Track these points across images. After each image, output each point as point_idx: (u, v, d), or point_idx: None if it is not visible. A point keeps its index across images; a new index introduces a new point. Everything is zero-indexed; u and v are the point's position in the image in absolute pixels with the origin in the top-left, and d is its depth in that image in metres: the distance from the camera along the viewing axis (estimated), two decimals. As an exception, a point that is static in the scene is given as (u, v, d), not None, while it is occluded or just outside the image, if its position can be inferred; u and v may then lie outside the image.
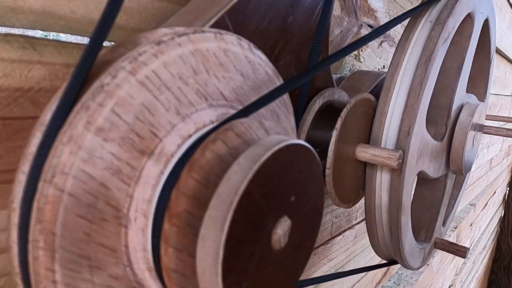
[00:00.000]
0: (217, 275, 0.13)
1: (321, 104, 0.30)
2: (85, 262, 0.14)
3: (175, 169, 0.15)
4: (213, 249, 0.13)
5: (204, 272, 0.14)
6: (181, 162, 0.15)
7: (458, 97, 0.37)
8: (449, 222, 0.45)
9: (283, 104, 0.21)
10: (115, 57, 0.14)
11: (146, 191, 0.15)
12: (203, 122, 0.17)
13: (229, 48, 0.17)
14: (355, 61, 0.44)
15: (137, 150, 0.14)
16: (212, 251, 0.13)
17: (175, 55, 0.15)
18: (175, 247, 0.14)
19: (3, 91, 0.17)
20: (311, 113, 0.29)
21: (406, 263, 0.35)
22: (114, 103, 0.13)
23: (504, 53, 1.16)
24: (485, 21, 0.38)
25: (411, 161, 0.30)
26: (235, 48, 0.18)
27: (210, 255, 0.13)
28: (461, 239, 1.21)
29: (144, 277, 0.16)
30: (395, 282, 0.75)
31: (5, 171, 0.18)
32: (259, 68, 0.19)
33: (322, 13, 0.27)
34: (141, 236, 0.15)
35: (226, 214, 0.13)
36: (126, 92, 0.13)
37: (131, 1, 0.21)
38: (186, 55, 0.15)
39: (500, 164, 1.69)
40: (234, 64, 0.18)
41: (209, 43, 0.16)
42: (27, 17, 0.18)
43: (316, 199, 0.18)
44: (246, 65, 0.18)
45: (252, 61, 0.19)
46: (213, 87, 0.17)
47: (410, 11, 0.29)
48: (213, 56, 0.17)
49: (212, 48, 0.16)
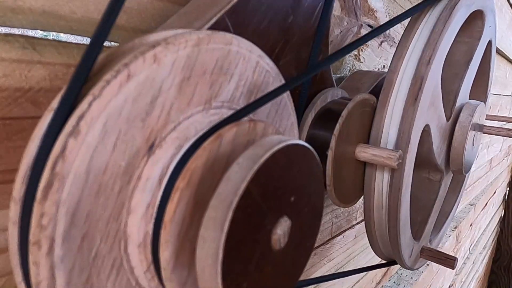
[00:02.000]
0: (217, 275, 0.13)
1: (321, 105, 0.30)
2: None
3: (175, 171, 0.15)
4: (212, 249, 0.13)
5: (203, 272, 0.14)
6: (180, 164, 0.15)
7: (465, 85, 0.37)
8: (445, 229, 0.45)
9: (284, 103, 0.21)
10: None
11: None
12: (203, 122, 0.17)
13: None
14: (355, 61, 0.44)
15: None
16: (212, 252, 0.13)
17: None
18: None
19: (3, 91, 0.17)
20: (311, 113, 0.29)
21: (405, 264, 0.35)
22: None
23: (504, 53, 1.16)
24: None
25: (410, 162, 0.30)
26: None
27: (210, 256, 0.13)
28: (461, 239, 1.21)
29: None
30: (395, 282, 0.75)
31: (5, 171, 0.18)
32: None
33: (322, 13, 0.27)
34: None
35: (226, 214, 0.13)
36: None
37: (131, 1, 0.21)
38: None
39: (500, 164, 1.69)
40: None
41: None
42: (27, 17, 0.18)
43: (316, 199, 0.18)
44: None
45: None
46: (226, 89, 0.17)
47: (410, 11, 0.29)
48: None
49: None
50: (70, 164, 0.12)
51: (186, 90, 0.16)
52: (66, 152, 0.12)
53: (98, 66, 0.14)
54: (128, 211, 0.15)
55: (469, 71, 0.38)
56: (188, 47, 0.15)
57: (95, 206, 0.13)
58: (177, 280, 0.15)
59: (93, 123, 0.13)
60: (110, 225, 0.14)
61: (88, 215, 0.13)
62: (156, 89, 0.14)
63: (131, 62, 0.13)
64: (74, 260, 0.13)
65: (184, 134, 0.16)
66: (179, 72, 0.15)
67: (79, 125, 0.12)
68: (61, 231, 0.12)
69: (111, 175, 0.14)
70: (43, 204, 0.12)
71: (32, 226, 0.12)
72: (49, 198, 0.12)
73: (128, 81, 0.13)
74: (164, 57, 0.14)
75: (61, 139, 0.12)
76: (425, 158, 0.35)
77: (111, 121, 0.13)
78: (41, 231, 0.12)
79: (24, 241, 0.12)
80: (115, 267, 0.15)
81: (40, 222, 0.12)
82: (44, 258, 0.12)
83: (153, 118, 0.15)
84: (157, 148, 0.15)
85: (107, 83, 0.13)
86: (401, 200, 0.29)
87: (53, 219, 0.12)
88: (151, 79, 0.14)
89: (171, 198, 0.14)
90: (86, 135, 0.12)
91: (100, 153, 0.13)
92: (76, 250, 0.13)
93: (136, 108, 0.14)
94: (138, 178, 0.15)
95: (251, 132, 0.16)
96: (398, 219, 0.30)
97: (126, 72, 0.13)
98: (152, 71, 0.14)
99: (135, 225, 0.15)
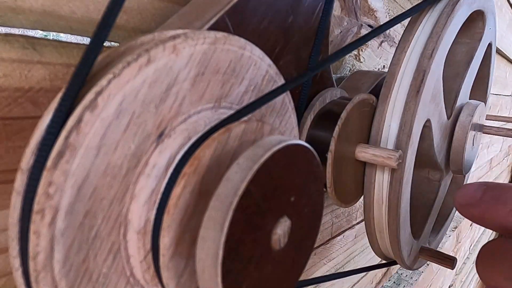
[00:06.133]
0: (217, 276, 0.13)
1: (321, 105, 0.30)
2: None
3: (173, 174, 0.15)
4: (212, 249, 0.13)
5: (203, 273, 0.14)
6: (178, 166, 0.15)
7: (465, 85, 0.37)
8: (444, 231, 0.45)
9: (284, 104, 0.21)
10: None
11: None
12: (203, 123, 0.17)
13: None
14: (355, 61, 0.44)
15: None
16: (212, 252, 0.13)
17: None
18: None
19: (3, 91, 0.17)
20: (311, 113, 0.29)
21: (404, 262, 0.35)
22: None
23: (504, 53, 1.16)
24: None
25: (410, 162, 0.30)
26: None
27: (210, 256, 0.13)
28: (461, 239, 1.21)
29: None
30: (395, 282, 0.75)
31: (5, 171, 0.18)
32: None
33: (322, 13, 0.27)
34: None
35: (225, 215, 0.13)
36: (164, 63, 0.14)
37: (131, 1, 0.21)
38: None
39: (500, 164, 1.68)
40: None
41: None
42: (27, 17, 0.18)
43: (316, 199, 0.18)
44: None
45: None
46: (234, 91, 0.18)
47: (410, 11, 0.29)
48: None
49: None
50: (83, 137, 0.12)
51: (199, 85, 0.16)
52: (81, 124, 0.12)
53: (98, 66, 0.14)
54: (131, 196, 0.15)
55: (469, 71, 0.38)
56: (206, 44, 0.16)
57: (102, 184, 0.14)
58: (174, 269, 0.15)
59: (110, 100, 0.13)
60: (113, 207, 0.14)
61: (94, 191, 0.13)
62: (172, 78, 0.15)
63: (152, 48, 0.14)
64: (74, 236, 0.13)
65: (193, 126, 0.16)
66: (194, 66, 0.16)
67: (97, 99, 0.13)
68: (66, 203, 0.13)
69: (120, 155, 0.14)
70: (52, 172, 0.12)
71: (38, 194, 0.12)
72: (58, 168, 0.12)
73: (148, 65, 0.14)
74: (183, 49, 0.15)
75: (78, 110, 0.12)
76: (425, 155, 0.35)
77: (127, 101, 0.13)
78: (47, 200, 0.12)
79: (27, 211, 0.12)
80: (112, 252, 0.15)
81: (47, 190, 0.12)
82: (46, 228, 0.12)
83: (166, 106, 0.15)
84: (166, 137, 0.15)
85: (127, 64, 0.13)
86: (401, 193, 0.29)
87: (60, 189, 0.12)
88: (169, 67, 0.14)
89: (177, 183, 0.14)
90: (102, 110, 0.13)
91: (113, 130, 0.13)
92: (77, 226, 0.13)
93: (152, 93, 0.14)
94: (145, 163, 0.15)
95: (257, 132, 0.16)
96: (398, 214, 0.30)
97: (147, 56, 0.14)
98: (170, 59, 0.14)
99: (137, 211, 0.15)
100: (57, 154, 0.12)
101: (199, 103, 0.16)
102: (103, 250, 0.14)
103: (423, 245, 0.37)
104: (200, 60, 0.16)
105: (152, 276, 0.16)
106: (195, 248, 0.15)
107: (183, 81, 0.15)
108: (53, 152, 0.12)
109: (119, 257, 0.15)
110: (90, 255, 0.14)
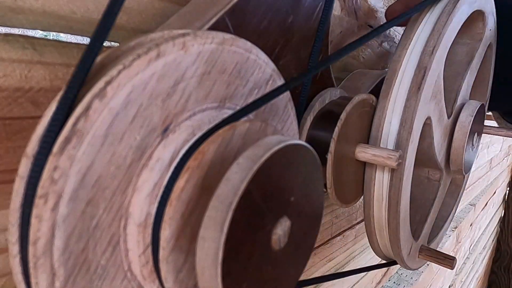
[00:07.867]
0: (217, 276, 0.13)
1: (321, 105, 0.30)
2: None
3: (173, 174, 0.15)
4: (212, 249, 0.13)
5: (203, 273, 0.14)
6: (178, 166, 0.15)
7: (466, 84, 0.37)
8: (443, 232, 0.45)
9: (286, 109, 0.21)
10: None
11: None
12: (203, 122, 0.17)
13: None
14: (355, 61, 0.44)
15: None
16: (212, 252, 0.13)
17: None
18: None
19: (3, 91, 0.17)
20: (311, 113, 0.29)
21: (404, 262, 0.35)
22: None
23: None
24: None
25: (410, 162, 0.30)
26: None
27: (210, 256, 0.13)
28: (461, 239, 1.21)
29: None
30: (395, 282, 0.75)
31: (5, 171, 0.18)
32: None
33: (322, 13, 0.27)
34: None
35: (225, 215, 0.13)
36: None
37: (131, 1, 0.21)
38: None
39: (500, 164, 1.69)
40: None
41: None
42: (27, 17, 0.18)
43: (316, 199, 0.18)
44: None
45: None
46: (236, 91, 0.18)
47: (410, 11, 0.29)
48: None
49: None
50: (91, 124, 0.13)
51: (205, 84, 0.16)
52: (90, 111, 0.12)
53: (98, 66, 0.14)
54: (134, 188, 0.15)
55: (470, 71, 0.38)
56: (214, 44, 0.16)
57: (106, 173, 0.14)
58: (173, 264, 0.15)
59: (119, 89, 0.13)
60: (115, 198, 0.14)
61: (98, 180, 0.13)
62: (180, 74, 0.15)
63: (162, 43, 0.14)
64: (75, 224, 0.13)
65: (198, 124, 0.16)
66: (202, 64, 0.16)
67: (106, 88, 0.13)
68: (70, 189, 0.13)
69: (125, 146, 0.14)
70: (58, 157, 0.12)
71: (43, 178, 0.12)
72: (65, 153, 0.12)
73: (157, 59, 0.14)
74: (192, 46, 0.15)
75: (87, 98, 0.13)
76: (425, 154, 0.35)
77: (135, 92, 0.14)
78: (51, 184, 0.12)
79: (30, 196, 0.12)
80: (111, 244, 0.15)
81: (52, 175, 0.12)
82: (48, 213, 0.12)
83: (172, 101, 0.15)
84: (171, 132, 0.15)
85: (138, 56, 0.13)
86: (402, 191, 0.29)
87: (65, 174, 0.12)
88: (177, 63, 0.15)
89: (181, 176, 0.14)
90: (111, 99, 0.13)
91: (120, 120, 0.13)
92: (79, 214, 0.13)
93: (160, 86, 0.14)
94: (149, 157, 0.15)
95: (261, 132, 0.17)
96: (398, 211, 0.30)
97: (157, 50, 0.14)
98: (179, 55, 0.15)
99: (139, 204, 0.15)
100: (64, 139, 0.12)
101: (205, 101, 0.17)
102: (102, 241, 0.14)
103: (423, 245, 0.37)
104: (207, 59, 0.16)
105: (150, 272, 0.16)
106: (195, 245, 0.15)
107: (190, 78, 0.16)
108: (60, 138, 0.12)
109: (118, 249, 0.15)
110: (89, 245, 0.14)
